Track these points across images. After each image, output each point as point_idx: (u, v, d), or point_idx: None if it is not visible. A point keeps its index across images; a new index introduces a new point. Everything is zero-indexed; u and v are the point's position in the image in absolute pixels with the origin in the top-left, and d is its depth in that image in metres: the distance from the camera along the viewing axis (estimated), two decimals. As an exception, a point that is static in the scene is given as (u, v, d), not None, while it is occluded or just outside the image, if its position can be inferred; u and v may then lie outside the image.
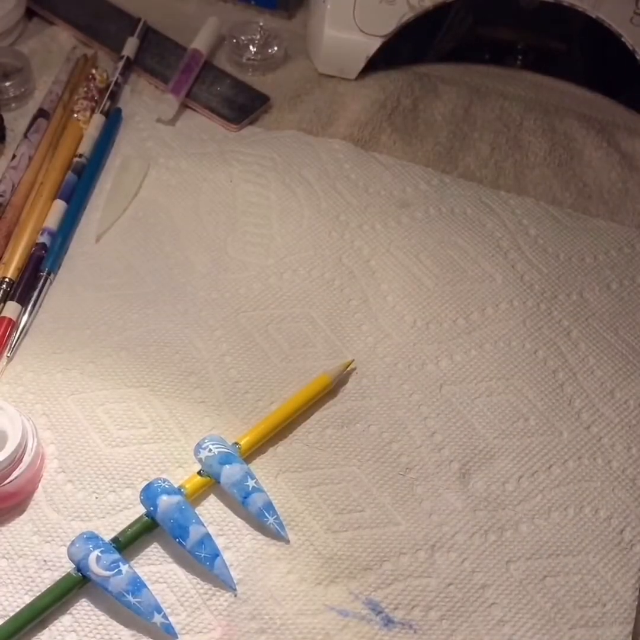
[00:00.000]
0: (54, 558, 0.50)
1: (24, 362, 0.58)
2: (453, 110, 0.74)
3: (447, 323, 0.61)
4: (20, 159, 0.67)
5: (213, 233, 0.65)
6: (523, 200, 0.68)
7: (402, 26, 0.72)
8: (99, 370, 0.58)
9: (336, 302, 0.62)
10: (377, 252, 0.65)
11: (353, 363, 0.59)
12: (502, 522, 0.53)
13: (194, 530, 0.49)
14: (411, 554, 0.51)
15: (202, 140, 0.71)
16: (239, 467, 0.52)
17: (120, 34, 0.77)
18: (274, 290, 0.62)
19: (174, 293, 0.62)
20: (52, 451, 0.54)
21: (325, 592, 0.50)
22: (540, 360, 0.60)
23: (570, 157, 0.72)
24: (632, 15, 0.69)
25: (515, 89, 0.77)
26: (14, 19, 0.76)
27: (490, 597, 0.50)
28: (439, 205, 0.68)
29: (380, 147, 0.71)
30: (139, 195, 0.67)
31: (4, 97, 0.71)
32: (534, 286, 0.64)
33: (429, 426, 0.57)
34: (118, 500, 0.52)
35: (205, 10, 0.80)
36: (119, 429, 0.55)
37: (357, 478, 0.54)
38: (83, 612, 0.48)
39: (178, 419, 0.56)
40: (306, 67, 0.77)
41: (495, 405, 0.58)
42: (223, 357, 0.59)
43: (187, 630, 0.48)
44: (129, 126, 0.72)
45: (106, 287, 0.62)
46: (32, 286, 0.61)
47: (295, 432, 0.56)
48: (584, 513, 0.54)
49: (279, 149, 0.70)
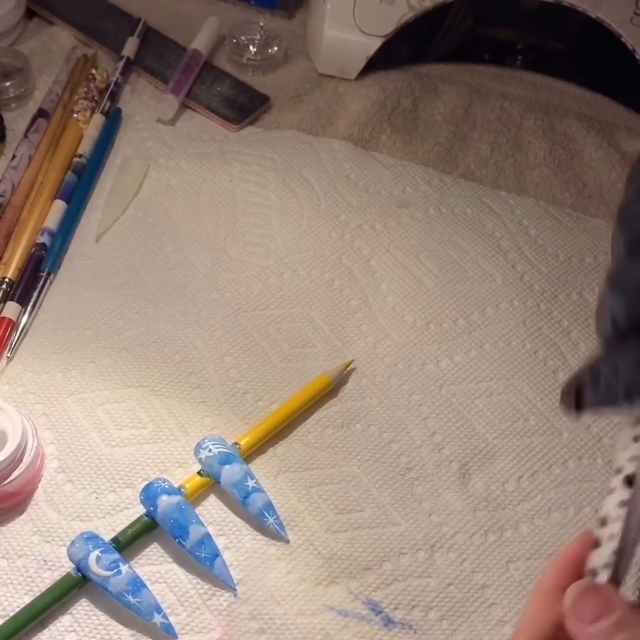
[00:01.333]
0: (54, 558, 0.50)
1: (24, 362, 0.58)
2: (453, 110, 0.74)
3: (447, 323, 0.61)
4: (20, 159, 0.67)
5: (213, 233, 0.65)
6: (523, 200, 0.68)
7: (402, 26, 0.72)
8: (99, 370, 0.58)
9: (336, 302, 0.62)
10: (377, 252, 0.65)
11: (353, 363, 0.59)
12: (502, 522, 0.53)
13: (194, 530, 0.49)
14: (411, 554, 0.51)
15: (202, 140, 0.71)
16: (239, 467, 0.52)
17: (120, 34, 0.77)
18: (274, 291, 0.62)
19: (174, 293, 0.62)
20: (52, 451, 0.54)
21: (325, 592, 0.50)
22: (540, 360, 0.60)
23: (570, 157, 0.72)
24: (632, 15, 0.69)
25: (515, 89, 0.77)
26: (14, 19, 0.76)
27: (490, 597, 0.50)
28: (439, 206, 0.68)
29: (380, 147, 0.71)
30: (139, 195, 0.67)
31: (4, 97, 0.71)
32: (534, 286, 0.64)
33: (429, 426, 0.57)
34: (118, 500, 0.52)
35: (205, 10, 0.80)
36: (119, 429, 0.55)
37: (357, 478, 0.54)
38: (83, 612, 0.48)
39: (178, 419, 0.56)
40: (306, 67, 0.77)
41: (495, 405, 0.58)
42: (223, 357, 0.59)
43: (187, 630, 0.48)
44: (129, 126, 0.72)
45: (106, 287, 0.62)
46: (32, 286, 0.61)
47: (295, 432, 0.56)
48: (584, 513, 0.54)
49: (279, 149, 0.70)
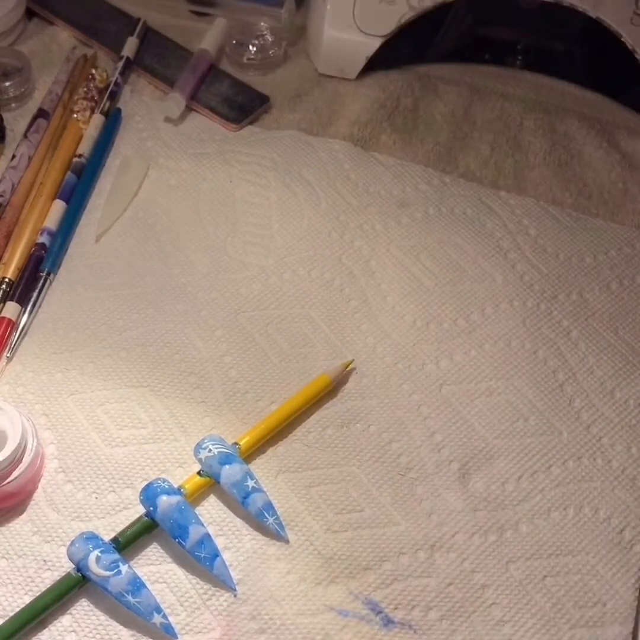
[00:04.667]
0: (54, 558, 0.50)
1: (24, 362, 0.58)
2: (453, 110, 0.74)
3: (447, 323, 0.61)
4: (20, 159, 0.67)
5: (213, 233, 0.65)
6: (523, 200, 0.68)
7: (402, 26, 0.72)
8: (99, 370, 0.58)
9: (336, 302, 0.62)
10: (377, 252, 0.65)
11: (353, 363, 0.59)
12: (502, 522, 0.53)
13: (193, 531, 0.49)
14: (411, 554, 0.51)
15: (202, 140, 0.71)
16: (238, 467, 0.52)
17: (120, 34, 0.77)
18: (274, 291, 0.62)
19: (174, 293, 0.62)
20: (52, 451, 0.54)
21: (325, 592, 0.50)
22: (540, 360, 0.60)
23: (570, 157, 0.72)
24: (632, 15, 0.69)
25: (515, 89, 0.77)
26: (14, 19, 0.76)
27: (490, 597, 0.50)
28: (439, 205, 0.68)
29: (380, 147, 0.71)
30: (139, 195, 0.67)
31: (4, 97, 0.71)
32: (533, 286, 0.64)
33: (429, 426, 0.57)
34: (118, 500, 0.52)
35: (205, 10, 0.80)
36: (119, 429, 0.55)
37: (357, 478, 0.54)
38: (83, 612, 0.48)
39: (178, 419, 0.56)
40: (306, 67, 0.77)
41: (495, 405, 0.58)
42: (223, 357, 0.59)
43: (187, 630, 0.48)
44: (128, 126, 0.72)
45: (106, 287, 0.62)
46: (31, 286, 0.61)
47: (295, 432, 0.56)
48: (584, 513, 0.54)
49: (279, 149, 0.70)
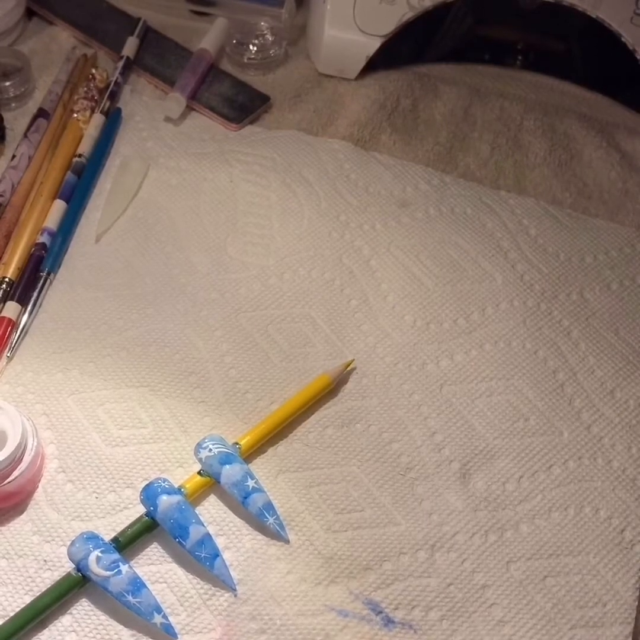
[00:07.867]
0: (54, 558, 0.50)
1: (24, 362, 0.58)
2: (453, 110, 0.74)
3: (448, 323, 0.61)
4: (20, 159, 0.67)
5: (213, 233, 0.65)
6: (523, 200, 0.68)
7: (402, 26, 0.72)
8: (99, 370, 0.58)
9: (336, 302, 0.62)
10: (377, 252, 0.65)
11: (353, 363, 0.59)
12: (503, 522, 0.53)
13: (194, 530, 0.49)
14: (411, 554, 0.51)
15: (202, 140, 0.71)
16: (239, 467, 0.52)
17: (120, 34, 0.77)
18: (274, 291, 0.62)
19: (174, 293, 0.62)
20: (52, 451, 0.54)
21: (325, 592, 0.50)
22: (541, 360, 0.60)
23: (570, 157, 0.72)
24: (632, 15, 0.69)
25: (515, 89, 0.77)
26: (14, 19, 0.76)
27: (490, 597, 0.50)
28: (439, 205, 0.68)
29: (380, 147, 0.71)
30: (139, 195, 0.67)
31: (4, 97, 0.71)
32: (534, 286, 0.64)
33: (429, 426, 0.57)
34: (118, 500, 0.52)
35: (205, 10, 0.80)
36: (119, 428, 0.55)
37: (357, 478, 0.54)
38: (83, 612, 0.48)
39: (178, 419, 0.56)
40: (306, 67, 0.77)
41: (496, 405, 0.58)
42: (223, 357, 0.59)
43: (187, 630, 0.48)
44: (128, 126, 0.72)
45: (106, 287, 0.62)
46: (32, 286, 0.61)
47: (295, 432, 0.56)
48: (584, 513, 0.54)
49: (279, 148, 0.70)
